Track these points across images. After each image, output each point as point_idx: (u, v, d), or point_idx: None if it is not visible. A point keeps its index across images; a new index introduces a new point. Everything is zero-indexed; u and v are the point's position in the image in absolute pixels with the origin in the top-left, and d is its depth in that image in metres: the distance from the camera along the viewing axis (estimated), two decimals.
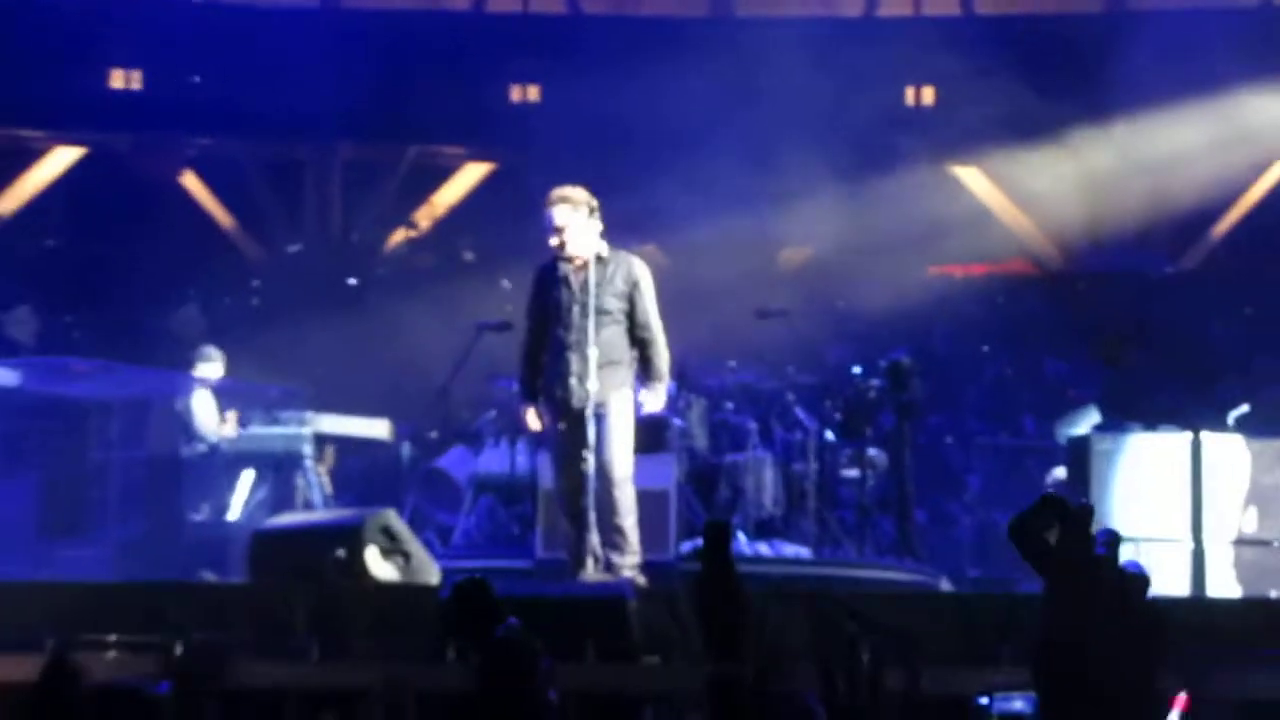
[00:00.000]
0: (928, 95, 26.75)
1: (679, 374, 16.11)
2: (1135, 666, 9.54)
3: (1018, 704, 10.20)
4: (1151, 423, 16.80)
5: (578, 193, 13.39)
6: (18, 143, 27.13)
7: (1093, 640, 9.45)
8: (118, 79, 26.78)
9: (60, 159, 27.33)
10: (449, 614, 10.53)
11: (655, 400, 13.50)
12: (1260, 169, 25.90)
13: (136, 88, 26.83)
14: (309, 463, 18.27)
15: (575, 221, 13.29)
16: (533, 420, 13.62)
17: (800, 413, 18.02)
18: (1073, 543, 9.69)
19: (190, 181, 27.55)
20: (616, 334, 13.27)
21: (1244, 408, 17.87)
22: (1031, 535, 9.69)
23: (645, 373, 13.37)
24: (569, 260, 13.31)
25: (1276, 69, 24.65)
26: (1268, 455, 15.67)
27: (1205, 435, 15.72)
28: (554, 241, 13.31)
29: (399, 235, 26.87)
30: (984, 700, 10.51)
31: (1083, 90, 24.46)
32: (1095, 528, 10.13)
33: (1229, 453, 15.66)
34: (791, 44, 24.66)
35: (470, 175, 27.42)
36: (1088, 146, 25.12)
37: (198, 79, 26.63)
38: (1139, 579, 10.25)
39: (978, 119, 25.88)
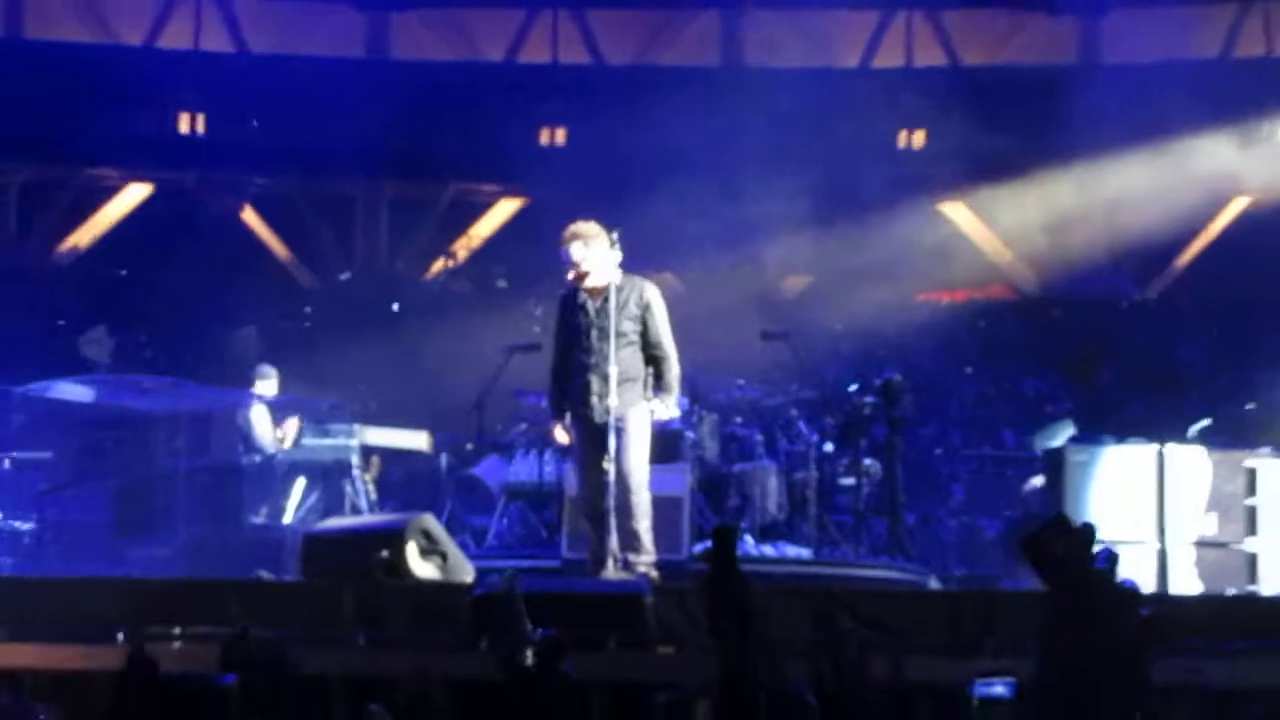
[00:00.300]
0: (918, 138, 26.68)
1: (691, 390, 16.13)
2: (1127, 668, 9.58)
3: (998, 689, 10.21)
4: (1121, 436, 16.79)
5: (589, 228, 13.45)
6: (94, 180, 27.15)
7: (1091, 643, 9.51)
8: (184, 122, 26.76)
9: (132, 195, 27.35)
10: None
11: (667, 409, 13.57)
12: (1219, 206, 25.84)
13: (201, 131, 26.82)
14: (356, 471, 18.25)
15: (589, 255, 13.35)
16: (560, 435, 13.66)
17: (801, 426, 18.02)
18: (1076, 558, 9.77)
19: (249, 216, 27.55)
20: (632, 354, 13.31)
21: (1205, 422, 17.82)
22: (1041, 550, 9.79)
23: (658, 385, 13.42)
24: (587, 289, 13.34)
25: (1231, 116, 24.62)
26: (1227, 465, 15.63)
27: (1170, 447, 15.69)
28: (571, 275, 13.37)
29: (439, 264, 26.87)
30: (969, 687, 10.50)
31: (1058, 134, 24.42)
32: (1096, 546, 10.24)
33: (1192, 463, 15.63)
34: (795, 90, 24.68)
35: (503, 210, 27.41)
36: (1062, 184, 25.07)
37: (256, 123, 26.62)
38: (1133, 593, 10.46)
39: (963, 159, 25.89)
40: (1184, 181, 24.70)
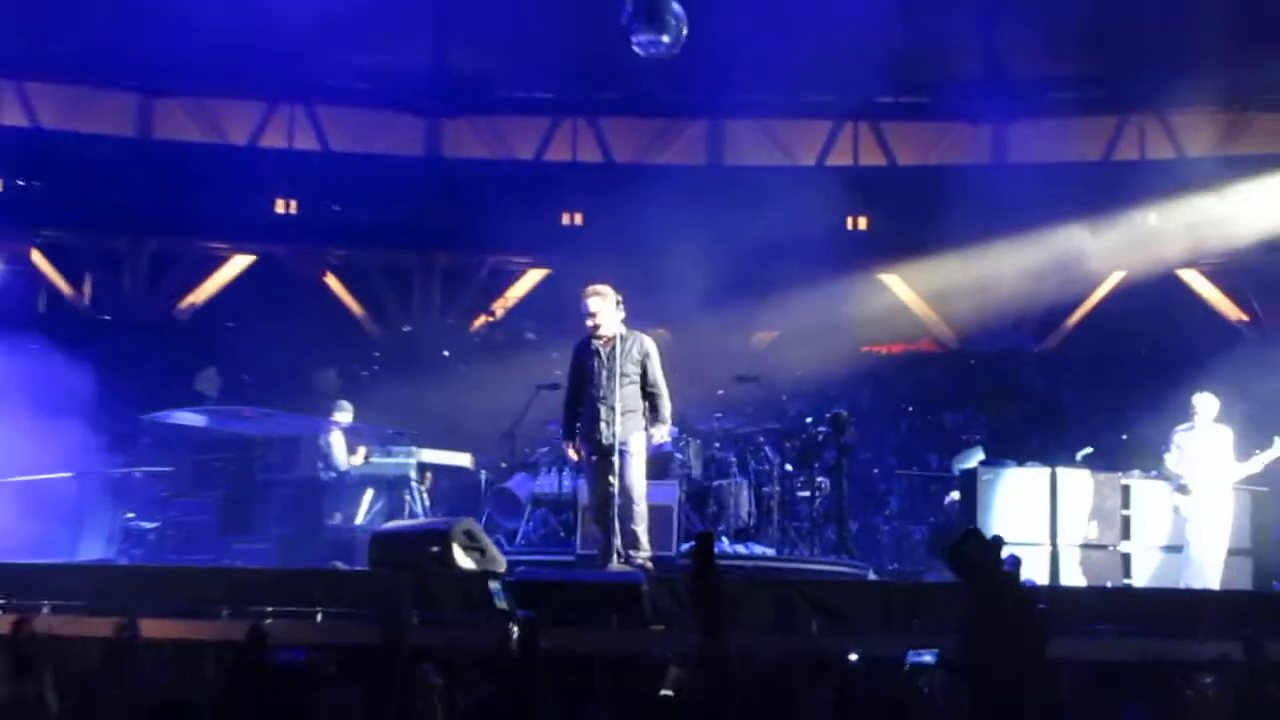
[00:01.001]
0: (863, 222, 26.73)
1: (680, 422, 16.09)
2: (1028, 647, 9.58)
3: (926, 657, 10.20)
4: (1021, 460, 16.77)
5: (604, 288, 13.46)
6: (209, 251, 27.21)
7: (1001, 630, 9.50)
8: (280, 206, 26.85)
9: (237, 263, 27.40)
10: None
11: (661, 435, 13.56)
12: (1099, 279, 25.87)
13: (293, 212, 26.89)
14: (413, 484, 18.22)
15: (604, 309, 13.34)
16: (571, 451, 13.66)
17: (768, 450, 17.95)
18: (990, 563, 9.78)
19: (330, 280, 27.59)
20: (633, 391, 13.28)
21: (1088, 450, 17.79)
22: (962, 557, 9.82)
23: (654, 417, 13.39)
24: (599, 337, 13.34)
25: (1110, 207, 24.68)
26: (1105, 484, 15.62)
27: (1060, 470, 15.68)
28: (589, 324, 13.36)
29: (480, 320, 26.88)
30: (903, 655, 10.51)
31: (974, 219, 24.42)
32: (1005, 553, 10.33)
33: (1077, 482, 15.61)
34: (765, 184, 24.73)
35: (531, 278, 27.45)
36: (976, 260, 25.08)
37: (336, 207, 26.67)
38: (1032, 591, 10.76)
39: (898, 239, 25.93)
40: (1072, 259, 24.75)
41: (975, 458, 18.26)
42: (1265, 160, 24.51)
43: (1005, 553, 10.41)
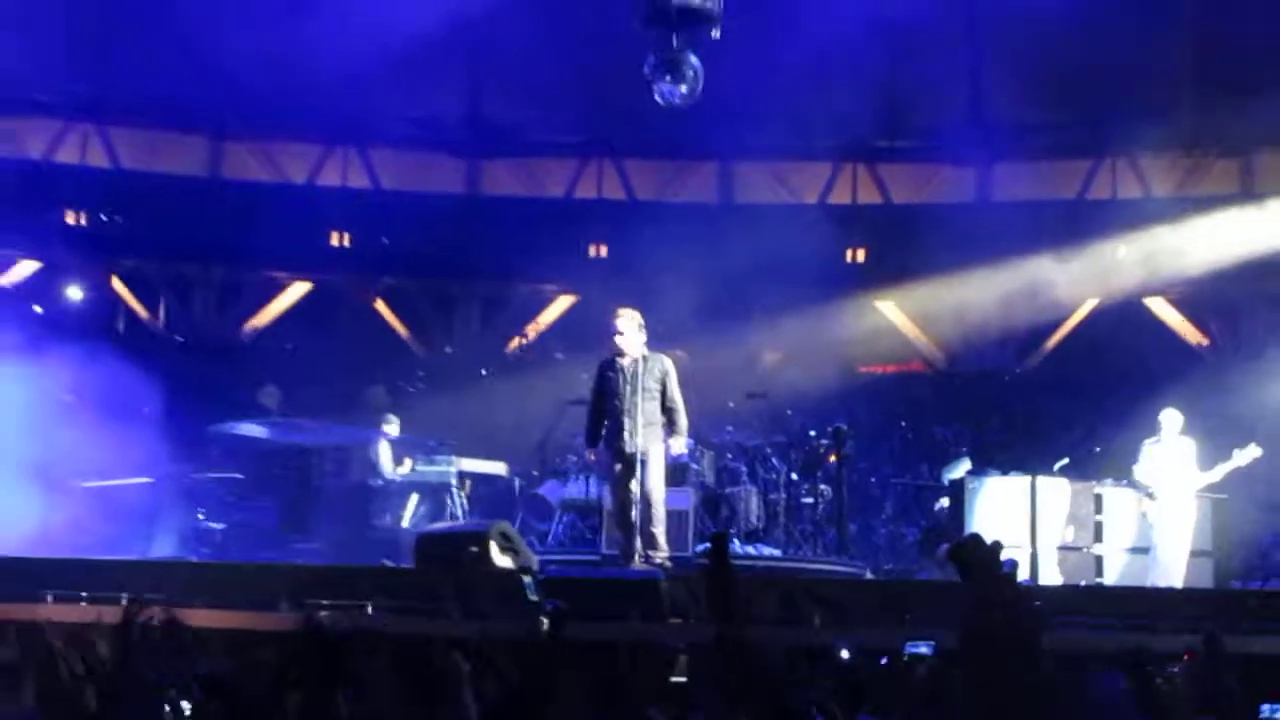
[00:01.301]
0: (860, 254, 26.68)
1: (695, 434, 16.11)
2: (1025, 641, 9.57)
3: (923, 648, 10.19)
4: (1004, 469, 16.76)
5: (632, 312, 13.51)
6: (270, 279, 27.24)
7: (1001, 624, 9.48)
8: (334, 238, 26.88)
9: (297, 290, 27.42)
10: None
11: (678, 447, 13.57)
12: (1075, 305, 25.78)
13: (347, 244, 26.92)
14: (454, 489, 18.27)
15: (630, 329, 13.38)
16: (590, 455, 13.76)
17: (775, 460, 17.98)
18: (990, 564, 9.77)
19: (380, 305, 27.62)
20: (654, 406, 13.31)
21: (1065, 460, 17.79)
22: (965, 557, 9.80)
23: (672, 429, 13.42)
24: (623, 355, 13.36)
25: (1084, 240, 24.65)
26: (1081, 492, 15.64)
27: (1040, 478, 15.68)
28: (616, 340, 13.39)
29: (515, 341, 26.87)
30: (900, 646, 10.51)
31: (960, 251, 24.39)
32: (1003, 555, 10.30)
33: (1055, 490, 15.61)
34: (772, 219, 24.72)
35: (562, 304, 27.41)
36: (963, 288, 25.03)
37: (386, 240, 26.72)
38: (1028, 589, 11.01)
39: (893, 269, 25.88)
40: (1050, 287, 24.70)
41: (962, 467, 18.26)
42: (1221, 199, 24.44)
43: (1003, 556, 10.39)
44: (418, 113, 27.14)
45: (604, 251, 26.52)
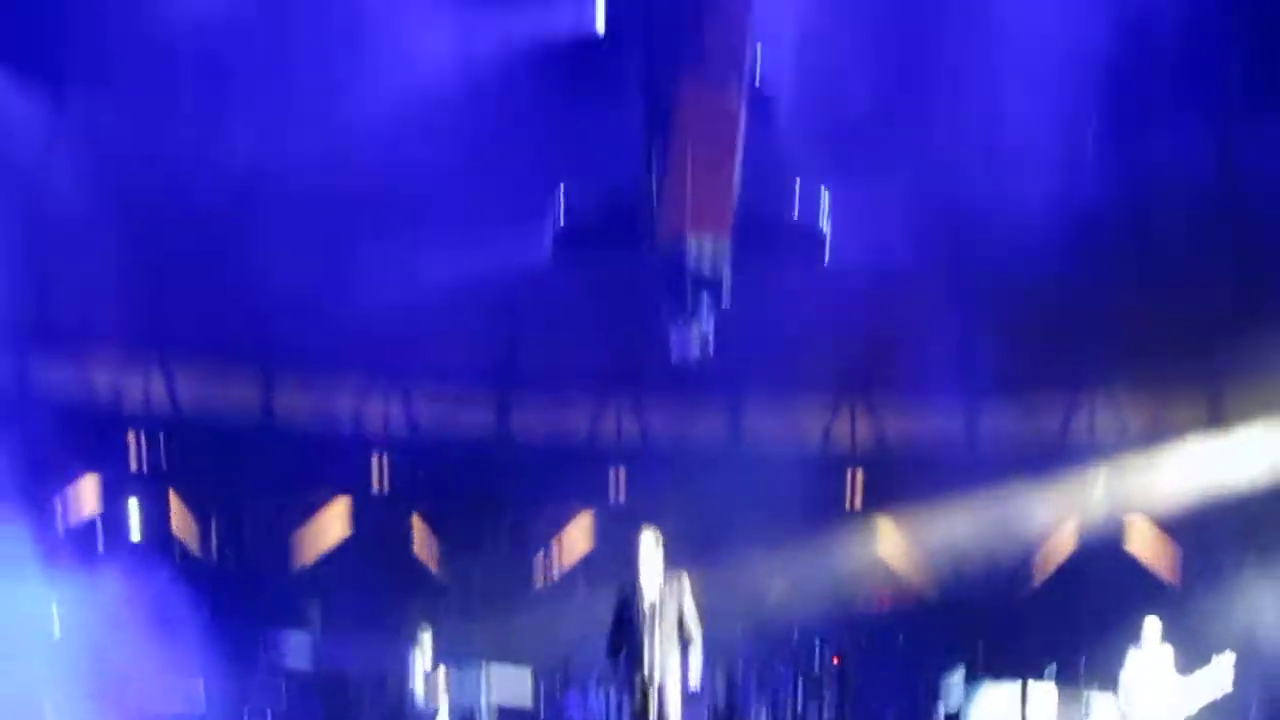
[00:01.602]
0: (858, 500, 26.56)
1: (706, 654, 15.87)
2: None
3: None
4: (997, 676, 16.63)
5: (656, 533, 13.63)
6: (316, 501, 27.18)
7: None
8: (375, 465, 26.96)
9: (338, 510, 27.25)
10: None
11: (694, 678, 13.58)
12: (1055, 533, 25.59)
13: (385, 473, 27.02)
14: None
15: (652, 549, 13.48)
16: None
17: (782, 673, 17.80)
18: None
19: (415, 522, 27.22)
20: (670, 630, 13.39)
21: (1053, 666, 17.63)
22: None
23: (687, 656, 13.56)
24: (645, 575, 13.42)
25: (1063, 476, 24.86)
26: (1067, 696, 15.50)
27: (1030, 683, 15.63)
28: (640, 555, 13.48)
29: (541, 578, 26.63)
30: None
31: (952, 486, 24.33)
32: None
33: (1044, 694, 15.50)
34: (776, 466, 24.80)
35: (582, 525, 27.13)
36: (955, 521, 24.92)
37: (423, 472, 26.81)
38: None
39: (888, 509, 25.81)
40: (1031, 517, 24.77)
41: (959, 675, 18.11)
42: (1189, 437, 24.55)
43: None
44: (452, 363, 27.16)
45: (623, 479, 26.35)
